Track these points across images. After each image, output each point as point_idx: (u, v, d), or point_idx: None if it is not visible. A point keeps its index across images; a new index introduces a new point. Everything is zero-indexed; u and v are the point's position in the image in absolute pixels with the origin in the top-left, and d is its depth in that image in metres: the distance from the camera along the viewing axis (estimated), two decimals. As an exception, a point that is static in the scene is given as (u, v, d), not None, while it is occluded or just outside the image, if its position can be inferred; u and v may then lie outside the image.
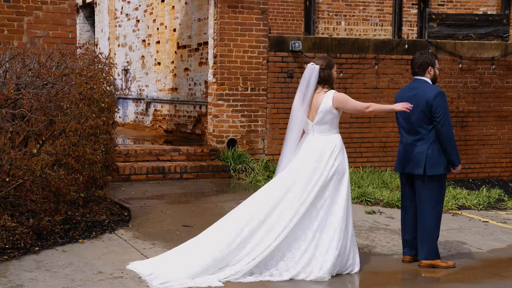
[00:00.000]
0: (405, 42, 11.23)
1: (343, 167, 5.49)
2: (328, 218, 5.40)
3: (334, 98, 5.50)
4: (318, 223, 5.37)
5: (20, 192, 5.70)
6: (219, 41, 10.20)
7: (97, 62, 7.64)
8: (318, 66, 5.55)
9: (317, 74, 5.53)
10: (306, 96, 5.52)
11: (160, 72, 13.78)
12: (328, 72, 5.57)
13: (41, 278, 5.10)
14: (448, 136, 5.67)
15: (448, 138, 5.67)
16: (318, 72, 5.53)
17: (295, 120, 5.58)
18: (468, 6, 16.18)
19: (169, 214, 7.44)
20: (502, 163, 11.93)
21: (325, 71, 5.56)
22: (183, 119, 12.55)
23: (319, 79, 5.54)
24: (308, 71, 5.55)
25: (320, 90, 5.55)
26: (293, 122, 5.59)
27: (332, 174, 5.42)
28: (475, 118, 11.73)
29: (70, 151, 6.21)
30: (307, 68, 5.60)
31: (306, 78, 5.54)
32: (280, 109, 10.56)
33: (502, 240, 6.98)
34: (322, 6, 15.68)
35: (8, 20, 8.89)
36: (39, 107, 6.01)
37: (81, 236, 6.31)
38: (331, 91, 5.55)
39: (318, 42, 10.73)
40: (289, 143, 5.63)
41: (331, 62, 5.63)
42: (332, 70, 5.61)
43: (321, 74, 5.55)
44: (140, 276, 5.17)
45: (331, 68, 5.60)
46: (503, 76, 11.82)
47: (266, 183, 9.40)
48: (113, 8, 16.13)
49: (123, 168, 9.29)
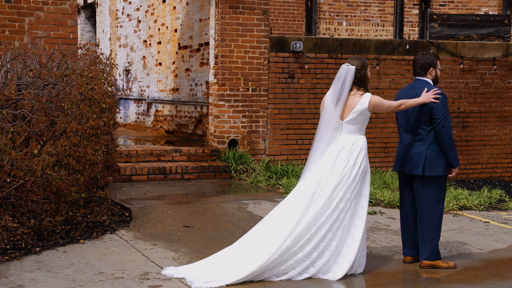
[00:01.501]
0: (406, 43, 11.23)
1: (367, 168, 5.52)
2: (353, 220, 5.43)
3: (371, 101, 5.47)
4: (341, 224, 5.40)
5: (21, 193, 5.70)
6: (220, 41, 10.20)
7: (98, 63, 7.65)
8: (354, 67, 5.50)
9: (352, 75, 5.48)
10: (341, 97, 5.47)
11: (161, 73, 13.79)
12: (364, 72, 5.54)
13: (42, 279, 5.11)
14: (448, 138, 5.67)
15: (447, 140, 5.67)
16: (354, 73, 5.50)
17: (328, 122, 5.50)
18: (469, 6, 16.17)
19: (170, 214, 7.44)
20: (503, 164, 11.92)
21: (361, 72, 5.52)
22: (184, 120, 12.56)
23: (355, 79, 5.50)
24: (344, 72, 5.49)
25: (355, 92, 5.51)
26: (326, 123, 5.51)
27: (359, 175, 5.44)
28: (477, 119, 11.72)
29: (71, 151, 6.22)
30: (341, 68, 5.53)
31: (342, 79, 5.47)
32: (281, 110, 10.56)
33: (503, 240, 6.97)
34: (324, 6, 15.68)
35: (9, 20, 8.90)
36: (40, 108, 6.01)
37: (82, 237, 6.32)
38: (368, 94, 5.51)
39: (319, 43, 10.73)
40: (321, 143, 5.52)
41: (366, 63, 5.59)
42: (367, 71, 5.58)
43: (357, 75, 5.51)
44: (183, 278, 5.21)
45: (366, 69, 5.57)
46: (504, 76, 11.81)
47: (267, 183, 9.51)
48: (114, 8, 16.14)
49: (124, 168, 9.30)
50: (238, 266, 5.23)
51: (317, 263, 5.36)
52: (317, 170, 5.47)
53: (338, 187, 5.39)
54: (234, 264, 5.26)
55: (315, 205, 5.36)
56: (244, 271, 5.17)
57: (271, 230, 5.37)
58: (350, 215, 5.42)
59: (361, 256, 5.51)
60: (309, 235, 5.31)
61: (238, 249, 5.42)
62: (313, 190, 5.40)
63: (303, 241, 5.30)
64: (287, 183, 9.27)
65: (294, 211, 5.36)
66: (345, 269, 5.37)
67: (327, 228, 5.35)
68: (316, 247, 5.33)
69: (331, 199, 5.37)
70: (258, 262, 5.19)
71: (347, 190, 5.40)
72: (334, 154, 5.47)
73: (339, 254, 5.40)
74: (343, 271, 5.36)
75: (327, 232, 5.35)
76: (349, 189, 5.41)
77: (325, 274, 5.37)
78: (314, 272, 5.34)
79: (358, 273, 5.54)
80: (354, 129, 5.51)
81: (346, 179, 5.41)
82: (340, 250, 5.40)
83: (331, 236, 5.36)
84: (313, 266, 5.35)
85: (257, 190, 9.15)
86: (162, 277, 5.26)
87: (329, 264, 5.37)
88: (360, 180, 5.46)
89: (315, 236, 5.32)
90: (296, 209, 5.36)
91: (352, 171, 5.42)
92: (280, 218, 5.41)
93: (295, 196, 5.47)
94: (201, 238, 6.51)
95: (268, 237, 5.32)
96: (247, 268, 5.18)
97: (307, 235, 5.31)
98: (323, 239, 5.34)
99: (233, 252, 5.42)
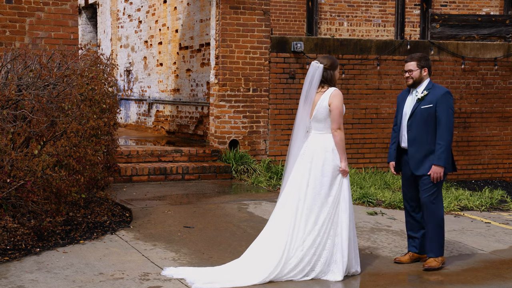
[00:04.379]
0: (407, 43, 11.21)
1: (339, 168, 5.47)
2: (334, 219, 5.41)
3: (331, 94, 5.45)
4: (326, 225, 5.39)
5: (21, 193, 5.70)
6: (221, 42, 10.19)
7: (98, 63, 7.64)
8: (322, 66, 5.49)
9: (320, 73, 5.47)
10: (309, 95, 5.47)
11: (162, 73, 13.79)
12: (331, 72, 5.52)
13: (41, 279, 5.10)
14: None
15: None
16: (322, 72, 5.49)
17: (299, 120, 5.52)
18: (471, 6, 16.15)
19: (171, 215, 7.43)
20: (504, 164, 11.90)
21: (329, 71, 5.50)
22: (185, 120, 12.55)
23: (322, 78, 5.49)
24: (312, 70, 5.48)
25: (320, 90, 5.51)
26: (297, 122, 5.55)
27: (332, 174, 5.42)
28: (478, 119, 11.70)
29: (71, 152, 6.21)
30: (311, 66, 5.52)
31: (309, 77, 5.48)
32: (282, 110, 10.55)
33: (504, 241, 6.96)
34: (325, 6, 15.67)
35: (10, 21, 8.89)
36: (40, 108, 6.01)
37: (82, 237, 6.31)
38: (331, 88, 5.50)
39: (320, 43, 10.72)
40: (295, 143, 5.56)
41: (335, 62, 5.57)
42: (335, 71, 5.56)
43: (324, 74, 5.49)
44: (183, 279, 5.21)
45: (335, 69, 5.55)
46: (505, 77, 11.79)
47: (268, 184, 9.50)
48: (115, 9, 16.14)
49: (124, 169, 9.29)
50: (240, 273, 5.26)
51: (317, 267, 5.37)
52: (295, 177, 5.48)
53: (316, 196, 5.38)
54: (235, 270, 5.28)
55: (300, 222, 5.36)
56: (245, 281, 5.19)
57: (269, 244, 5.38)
58: (333, 222, 5.39)
59: (354, 256, 5.50)
60: (301, 254, 5.32)
61: (241, 263, 5.44)
62: (294, 205, 5.39)
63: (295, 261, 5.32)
64: (288, 184, 9.24)
65: (281, 233, 5.36)
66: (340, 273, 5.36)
67: (314, 243, 5.34)
68: (308, 262, 5.34)
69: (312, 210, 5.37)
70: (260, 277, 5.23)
71: (325, 197, 5.39)
72: (307, 162, 5.45)
73: (330, 264, 5.38)
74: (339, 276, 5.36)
75: (317, 248, 5.34)
76: (327, 195, 5.40)
77: (324, 275, 5.38)
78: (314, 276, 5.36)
79: (358, 274, 5.53)
80: (321, 127, 5.49)
81: (320, 188, 5.39)
82: (331, 258, 5.39)
83: (320, 249, 5.36)
84: (313, 271, 5.37)
85: (257, 190, 9.14)
86: (162, 278, 5.25)
87: (323, 271, 5.38)
88: (335, 179, 5.43)
89: (308, 252, 5.33)
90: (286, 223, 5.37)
91: (330, 173, 5.41)
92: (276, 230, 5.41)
93: (280, 214, 5.46)
94: (202, 238, 6.50)
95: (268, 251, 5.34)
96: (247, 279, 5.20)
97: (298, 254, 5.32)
98: (314, 254, 5.35)
99: (236, 264, 5.44)
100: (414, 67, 5.79)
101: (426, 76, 5.85)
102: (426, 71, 5.83)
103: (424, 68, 5.82)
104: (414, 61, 5.81)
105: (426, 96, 5.72)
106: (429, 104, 5.68)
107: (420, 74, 5.79)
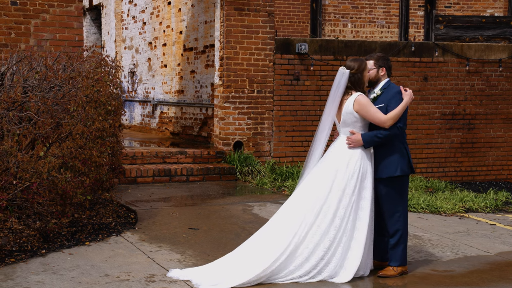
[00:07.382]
0: (411, 44, 11.20)
1: (366, 170, 5.48)
2: (355, 224, 5.42)
3: (355, 100, 5.47)
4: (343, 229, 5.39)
5: (27, 195, 5.71)
6: (226, 43, 10.20)
7: (103, 65, 7.66)
8: (348, 71, 5.50)
9: (346, 79, 5.50)
10: (335, 101, 5.51)
11: (166, 75, 13.80)
12: (359, 76, 5.52)
13: (47, 281, 5.11)
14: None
15: None
16: (348, 78, 5.51)
17: (323, 124, 5.57)
18: (475, 8, 16.14)
19: (176, 216, 7.44)
20: (509, 166, 11.88)
21: (356, 75, 5.52)
22: (190, 122, 12.56)
23: (348, 84, 5.52)
24: (338, 77, 5.52)
25: (346, 97, 5.53)
26: (321, 126, 5.59)
27: (353, 178, 5.42)
28: (482, 121, 11.69)
29: (77, 153, 6.23)
30: (338, 72, 5.55)
31: (336, 83, 5.52)
32: (286, 112, 10.55)
33: (509, 243, 6.94)
34: (329, 8, 15.67)
35: (16, 23, 8.92)
36: (46, 110, 6.02)
37: (87, 239, 6.32)
38: (356, 93, 5.51)
39: (324, 44, 10.72)
40: (317, 146, 5.58)
41: (362, 65, 5.55)
42: (363, 74, 5.56)
43: (351, 79, 5.52)
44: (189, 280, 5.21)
45: (362, 71, 5.55)
46: (510, 78, 11.77)
47: (272, 185, 9.50)
48: (119, 10, 16.16)
49: (129, 170, 9.30)
50: (243, 268, 5.23)
51: (324, 272, 5.36)
52: (316, 177, 5.47)
53: (339, 194, 5.39)
54: (240, 267, 5.27)
55: (319, 214, 5.37)
56: (249, 273, 5.17)
57: (275, 234, 5.37)
58: (352, 219, 5.40)
59: (367, 258, 5.50)
60: (313, 245, 5.31)
61: (243, 253, 5.42)
62: (314, 197, 5.39)
63: (306, 250, 5.31)
64: (293, 185, 9.25)
65: (295, 218, 5.36)
66: (351, 273, 5.36)
67: (332, 237, 5.34)
68: (322, 257, 5.34)
69: (332, 207, 5.37)
70: (262, 266, 5.20)
71: (348, 196, 5.39)
72: (331, 161, 5.47)
73: (344, 259, 5.39)
74: (349, 276, 5.35)
75: (332, 242, 5.34)
76: (349, 194, 5.40)
77: (331, 279, 5.38)
78: (320, 279, 5.36)
79: (366, 276, 5.52)
80: (348, 132, 5.53)
81: (344, 187, 5.39)
82: (345, 255, 5.39)
83: (336, 244, 5.36)
84: (319, 274, 5.36)
85: (262, 192, 9.14)
86: (168, 280, 5.26)
87: (336, 270, 5.37)
88: (359, 184, 5.44)
89: (319, 247, 5.32)
90: (297, 217, 5.37)
91: (351, 177, 5.41)
92: (284, 222, 5.42)
93: (297, 201, 5.47)
94: (207, 240, 6.50)
95: (272, 241, 5.33)
96: (252, 271, 5.18)
97: (310, 245, 5.31)
98: (329, 249, 5.34)
99: (238, 255, 5.42)
100: (371, 65, 5.78)
101: (384, 76, 5.79)
102: (383, 71, 5.77)
103: (381, 68, 5.76)
104: (372, 60, 5.80)
105: (380, 96, 5.71)
106: (381, 104, 5.66)
107: (377, 73, 5.76)
